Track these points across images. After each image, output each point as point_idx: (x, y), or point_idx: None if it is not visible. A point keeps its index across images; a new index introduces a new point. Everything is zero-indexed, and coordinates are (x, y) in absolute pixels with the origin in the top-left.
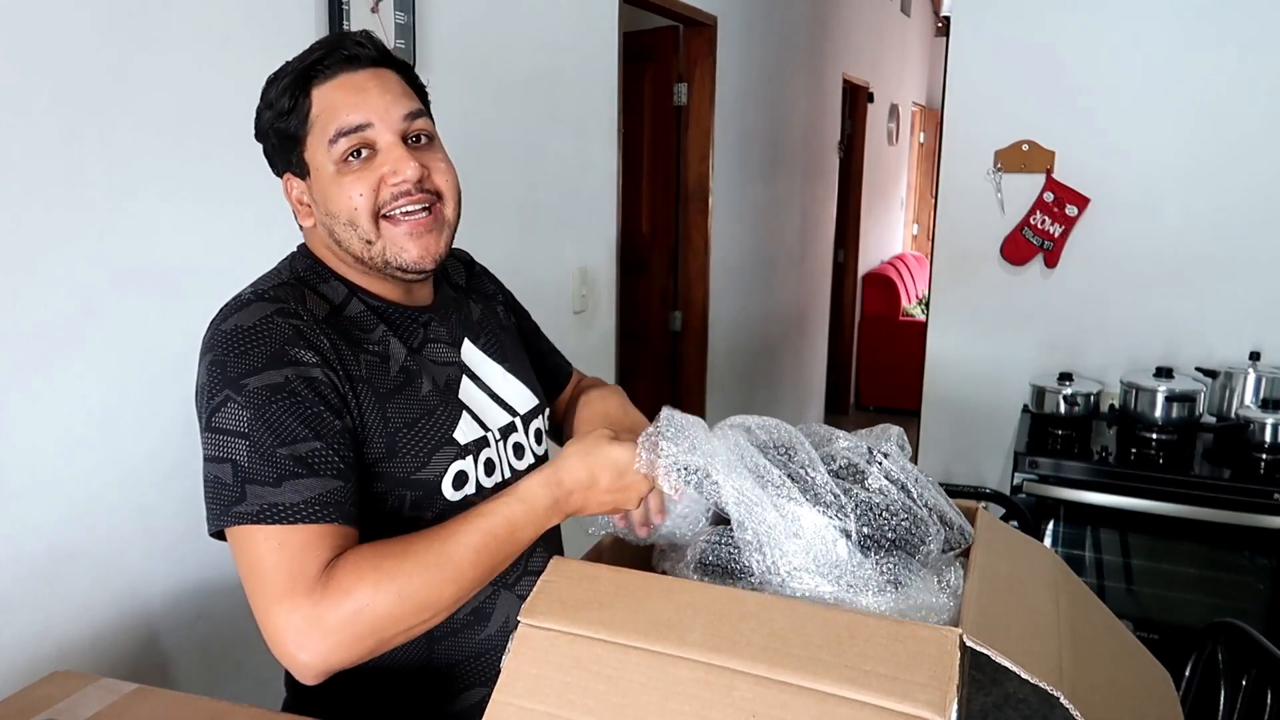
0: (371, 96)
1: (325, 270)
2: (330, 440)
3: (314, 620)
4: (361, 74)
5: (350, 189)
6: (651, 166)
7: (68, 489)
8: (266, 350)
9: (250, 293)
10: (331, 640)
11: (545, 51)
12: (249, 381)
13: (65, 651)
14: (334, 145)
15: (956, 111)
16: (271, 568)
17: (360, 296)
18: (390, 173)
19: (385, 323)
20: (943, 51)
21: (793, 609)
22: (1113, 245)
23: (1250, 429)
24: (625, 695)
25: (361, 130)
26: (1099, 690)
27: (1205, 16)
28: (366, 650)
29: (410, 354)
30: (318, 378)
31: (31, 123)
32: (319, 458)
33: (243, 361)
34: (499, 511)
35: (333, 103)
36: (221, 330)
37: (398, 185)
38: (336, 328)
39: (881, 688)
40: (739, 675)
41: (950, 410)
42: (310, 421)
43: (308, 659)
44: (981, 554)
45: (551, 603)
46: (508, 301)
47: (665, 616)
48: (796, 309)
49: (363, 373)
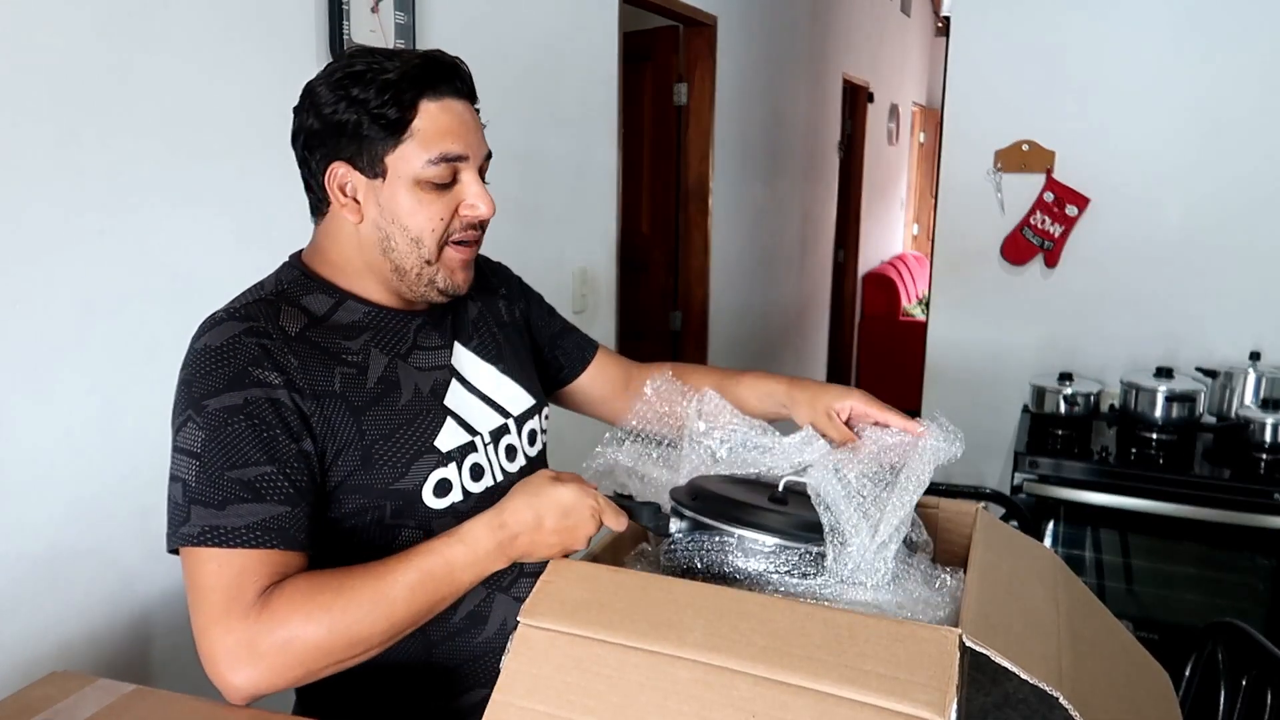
0: (471, 132)
1: (313, 280)
2: (284, 464)
3: (246, 644)
4: (463, 105)
5: (433, 209)
6: (651, 166)
7: (68, 489)
8: (229, 371)
9: (224, 311)
10: (262, 666)
11: (545, 51)
12: (209, 403)
13: (65, 651)
14: (433, 166)
15: (956, 111)
16: (209, 588)
17: (352, 302)
18: (469, 207)
19: (371, 330)
20: (943, 51)
21: (792, 609)
22: (1113, 245)
23: (1250, 429)
24: (625, 695)
25: (459, 161)
26: (1098, 690)
27: (1206, 16)
28: (295, 679)
29: (393, 362)
30: (279, 400)
31: (31, 123)
32: (267, 482)
33: (206, 382)
34: (440, 552)
35: (441, 125)
36: (193, 349)
37: (472, 219)
38: (311, 342)
39: (881, 688)
40: (739, 675)
41: (950, 410)
42: (265, 445)
43: (238, 682)
44: (981, 553)
45: (551, 603)
46: (511, 293)
47: (665, 616)
48: (796, 309)
49: (336, 387)
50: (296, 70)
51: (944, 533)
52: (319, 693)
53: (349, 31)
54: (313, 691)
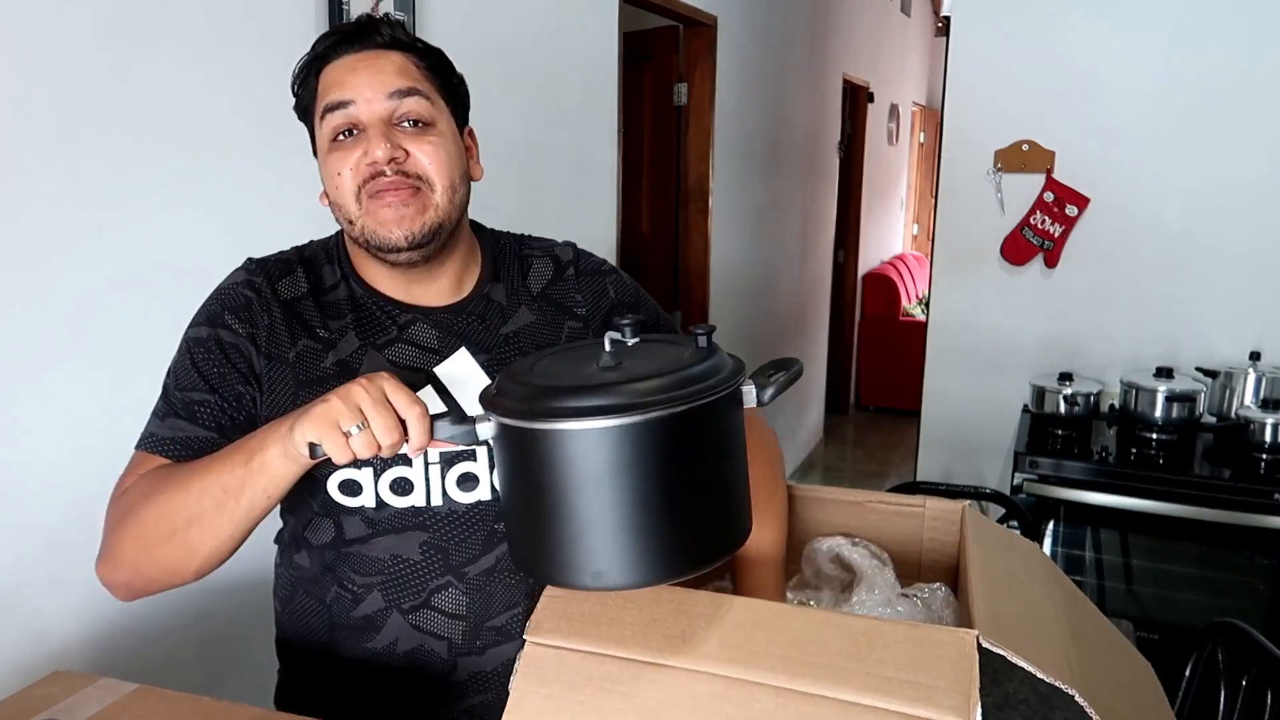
0: (360, 76)
1: (339, 252)
2: (223, 397)
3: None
4: (361, 55)
5: (336, 166)
6: (651, 166)
7: (68, 489)
8: (213, 309)
9: (252, 258)
10: (102, 547)
11: (545, 51)
12: (189, 331)
13: (65, 651)
14: (322, 122)
15: (956, 111)
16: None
17: (352, 282)
18: (363, 154)
19: (357, 313)
20: (943, 51)
21: (806, 617)
22: (1113, 245)
23: (1250, 429)
24: (643, 713)
25: (344, 107)
26: (1102, 685)
27: (1205, 16)
28: (122, 563)
29: (363, 349)
30: (240, 346)
31: (32, 123)
32: (203, 408)
33: (200, 312)
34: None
35: (329, 82)
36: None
37: (370, 166)
38: (294, 311)
39: (904, 694)
40: (759, 688)
41: (950, 410)
42: (211, 377)
43: (98, 571)
44: (978, 551)
45: (557, 620)
46: (592, 313)
47: (678, 629)
48: (796, 309)
49: (290, 357)
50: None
51: (930, 531)
52: (308, 681)
53: None
54: (301, 679)
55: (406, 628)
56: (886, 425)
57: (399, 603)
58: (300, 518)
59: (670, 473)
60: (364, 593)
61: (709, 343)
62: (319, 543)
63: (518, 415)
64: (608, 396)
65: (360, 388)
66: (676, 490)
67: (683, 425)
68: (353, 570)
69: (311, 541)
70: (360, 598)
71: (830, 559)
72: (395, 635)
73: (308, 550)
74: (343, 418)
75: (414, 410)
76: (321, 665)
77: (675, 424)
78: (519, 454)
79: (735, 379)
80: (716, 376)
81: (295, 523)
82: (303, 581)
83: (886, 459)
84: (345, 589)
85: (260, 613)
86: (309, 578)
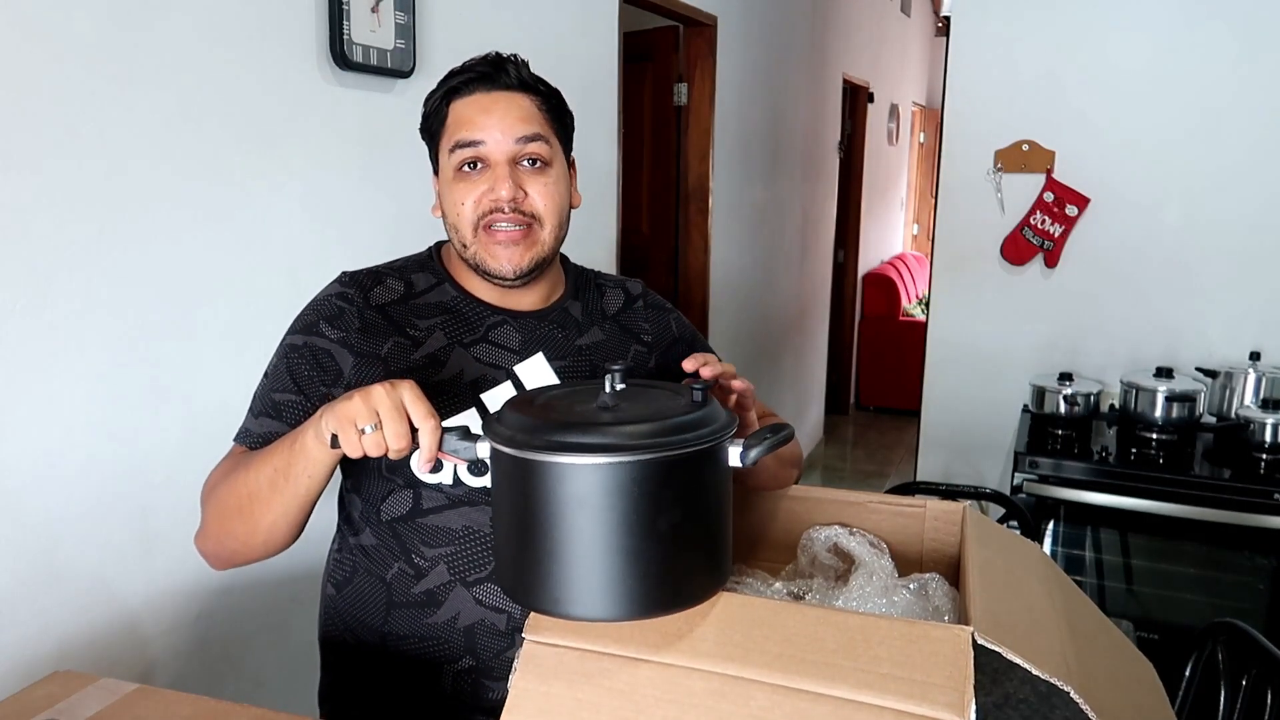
0: (493, 118)
1: (432, 261)
2: (309, 397)
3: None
4: (494, 95)
5: (460, 195)
6: (651, 166)
7: (68, 489)
8: (309, 318)
9: (348, 271)
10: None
11: (545, 51)
12: (287, 338)
13: (65, 651)
14: (452, 155)
15: (956, 111)
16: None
17: (447, 286)
18: (488, 190)
19: (447, 314)
20: (943, 51)
21: (802, 614)
22: (1113, 245)
23: (1250, 429)
24: (641, 710)
25: (474, 146)
26: (1100, 684)
27: (1206, 16)
28: (209, 542)
29: (451, 346)
30: (331, 351)
31: (32, 123)
32: (290, 407)
33: (297, 321)
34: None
35: (461, 117)
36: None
37: (493, 201)
38: (387, 315)
39: (899, 690)
40: (755, 685)
41: (950, 410)
42: (301, 379)
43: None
44: (976, 550)
45: (555, 618)
46: (657, 344)
47: (674, 626)
48: (796, 309)
49: (382, 352)
50: (296, 70)
51: (931, 531)
52: (352, 676)
53: (349, 32)
54: (346, 674)
55: (469, 601)
56: (886, 425)
57: (464, 575)
58: (373, 494)
59: (640, 516)
60: (429, 566)
61: (704, 398)
62: (392, 516)
63: (504, 441)
64: (585, 434)
65: (382, 391)
66: (646, 533)
67: (659, 471)
68: (423, 542)
69: (384, 516)
70: (424, 571)
71: (827, 548)
72: (457, 609)
73: (374, 528)
74: (359, 417)
75: (428, 423)
76: (373, 651)
77: (651, 469)
78: (503, 477)
79: (718, 435)
80: (698, 430)
81: (363, 503)
82: (364, 562)
83: (886, 459)
84: (410, 564)
85: (260, 613)
86: (372, 557)
